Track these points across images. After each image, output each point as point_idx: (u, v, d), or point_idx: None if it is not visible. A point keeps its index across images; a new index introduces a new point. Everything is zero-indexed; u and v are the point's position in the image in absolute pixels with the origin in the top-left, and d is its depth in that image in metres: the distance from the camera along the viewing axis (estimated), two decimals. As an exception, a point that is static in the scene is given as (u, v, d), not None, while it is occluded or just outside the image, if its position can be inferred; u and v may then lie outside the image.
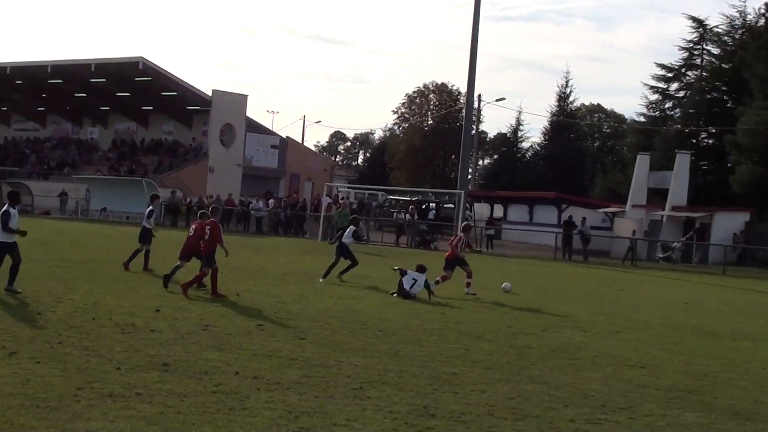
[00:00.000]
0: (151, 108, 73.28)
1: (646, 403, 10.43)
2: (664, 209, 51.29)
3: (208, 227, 18.72)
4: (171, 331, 13.24)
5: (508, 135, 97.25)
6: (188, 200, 53.35)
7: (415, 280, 20.56)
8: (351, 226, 24.45)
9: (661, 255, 46.14)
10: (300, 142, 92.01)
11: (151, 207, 23.56)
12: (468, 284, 22.05)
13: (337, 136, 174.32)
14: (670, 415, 9.94)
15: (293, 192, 70.00)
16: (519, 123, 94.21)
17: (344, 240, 23.88)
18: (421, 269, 21.11)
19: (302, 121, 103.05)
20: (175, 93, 68.33)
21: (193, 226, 19.92)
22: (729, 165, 62.01)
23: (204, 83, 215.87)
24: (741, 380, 12.38)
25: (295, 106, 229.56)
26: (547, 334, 15.94)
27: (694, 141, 68.36)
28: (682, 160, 52.01)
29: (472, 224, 38.05)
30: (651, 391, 11.17)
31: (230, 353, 11.87)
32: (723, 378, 12.49)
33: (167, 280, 18.82)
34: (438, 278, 21.71)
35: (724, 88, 68.66)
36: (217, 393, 9.55)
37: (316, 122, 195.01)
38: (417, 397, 10.00)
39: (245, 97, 69.90)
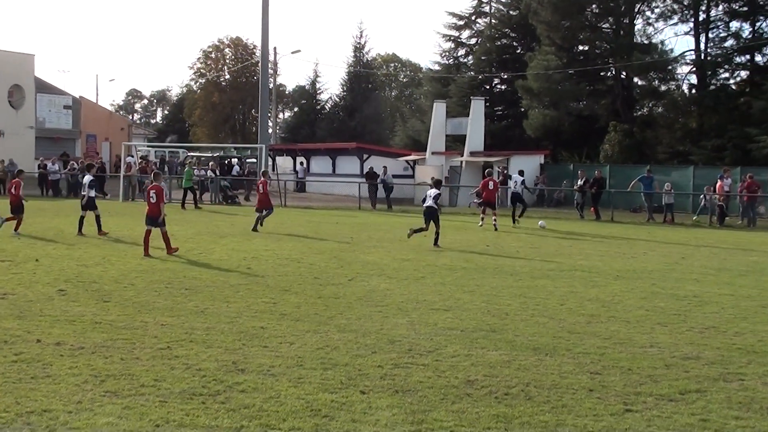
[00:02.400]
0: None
1: (451, 345, 10.71)
2: (462, 155, 52.50)
3: (153, 191, 20.22)
4: (-35, 303, 12.69)
5: (306, 87, 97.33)
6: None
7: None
8: (434, 189, 24.45)
9: (476, 200, 47.28)
10: (95, 101, 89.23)
11: None
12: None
13: (133, 94, 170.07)
14: (475, 354, 10.25)
15: (91, 153, 67.92)
16: (317, 75, 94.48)
17: (431, 204, 23.84)
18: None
19: (95, 79, 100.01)
20: (-45, 54, 64.65)
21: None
22: (522, 109, 64.13)
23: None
24: (540, 317, 12.87)
25: (87, 65, 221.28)
26: (354, 283, 16.12)
27: (487, 87, 70.37)
28: (477, 106, 53.26)
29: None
30: (456, 333, 11.48)
31: (31, 321, 11.50)
32: (524, 316, 12.95)
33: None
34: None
35: (513, 35, 70.94)
36: (18, 362, 9.26)
37: (110, 80, 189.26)
38: (226, 353, 9.97)
39: (32, 56, 66.93)
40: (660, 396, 8.58)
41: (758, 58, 56.25)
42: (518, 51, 69.59)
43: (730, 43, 56.56)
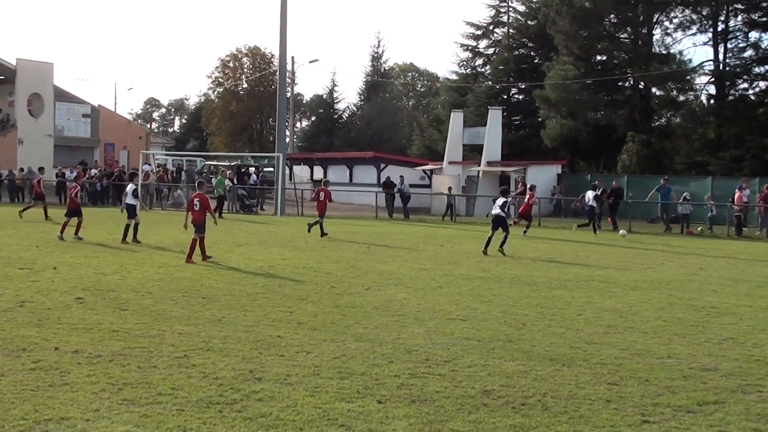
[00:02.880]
0: (-47, 79, 69.70)
1: (467, 355, 10.69)
2: (479, 165, 52.50)
3: (197, 199, 20.87)
4: (-16, 310, 12.74)
5: (324, 97, 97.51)
6: (-2, 174, 51.18)
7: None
8: (502, 198, 25.46)
9: (494, 211, 47.20)
10: (113, 110, 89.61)
11: None
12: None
13: (152, 103, 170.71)
14: (491, 364, 10.23)
15: (109, 161, 68.15)
16: (334, 84, 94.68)
17: (497, 212, 25.00)
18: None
19: (114, 88, 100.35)
20: (-24, 64, 65.12)
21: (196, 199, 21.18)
22: (539, 119, 64.08)
23: (7, 53, 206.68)
24: (558, 327, 12.84)
25: (106, 73, 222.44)
26: (371, 292, 16.12)
27: (505, 97, 70.44)
28: (495, 116, 53.30)
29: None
30: (472, 343, 11.45)
31: (49, 329, 11.53)
32: (540, 326, 12.91)
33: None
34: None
35: (531, 45, 70.96)
36: (36, 370, 9.28)
37: (129, 89, 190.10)
38: (242, 362, 9.97)
39: (51, 65, 67.30)
40: (678, 407, 8.53)
41: (777, 68, 56.12)
42: (536, 61, 69.61)
43: (749, 53, 56.46)
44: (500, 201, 25.19)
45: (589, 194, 34.43)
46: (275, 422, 7.70)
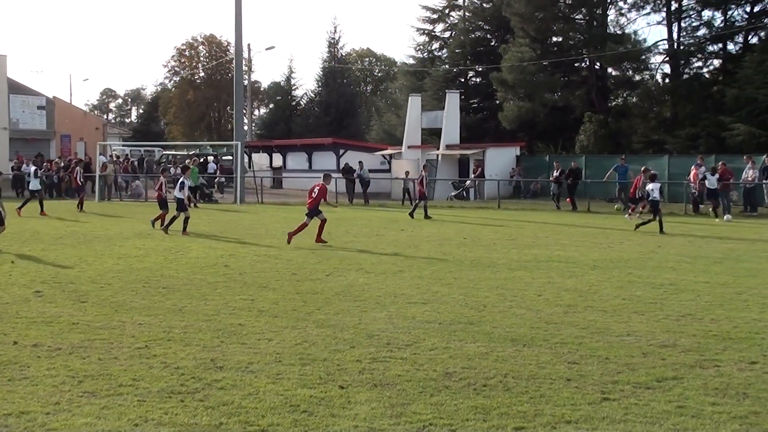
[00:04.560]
0: None
1: (429, 338, 10.73)
2: (438, 148, 52.54)
3: (317, 187, 22.88)
4: (-60, 306, 12.61)
5: (281, 84, 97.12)
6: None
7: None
8: (654, 183, 26.66)
9: (453, 193, 47.45)
10: (68, 101, 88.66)
11: None
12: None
13: (108, 94, 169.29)
14: (453, 347, 10.28)
15: (65, 153, 67.45)
16: (291, 71, 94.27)
17: (656, 196, 26.38)
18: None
19: (69, 79, 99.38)
20: (-75, 56, 64.09)
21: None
22: (497, 102, 64.20)
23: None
24: (518, 308, 12.91)
25: (60, 65, 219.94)
26: (332, 278, 16.13)
27: (462, 80, 70.46)
28: (452, 99, 53.32)
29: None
30: (434, 326, 11.50)
31: (7, 323, 11.44)
32: (501, 308, 12.98)
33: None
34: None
35: (487, 27, 70.92)
36: (-5, 365, 9.21)
37: (84, 80, 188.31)
38: (204, 350, 9.95)
39: (4, 57, 66.41)
40: (637, 384, 8.63)
41: (730, 46, 56.55)
42: (492, 43, 69.60)
43: (702, 32, 56.79)
44: (655, 186, 26.42)
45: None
46: (237, 410, 7.70)
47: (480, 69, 67.80)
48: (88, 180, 41.41)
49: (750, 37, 54.90)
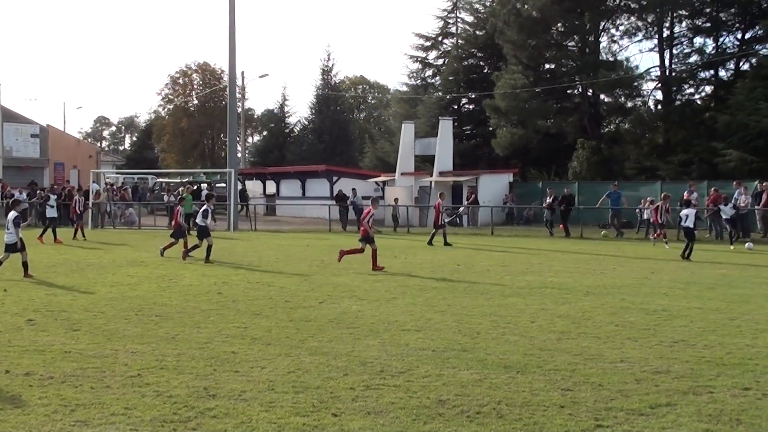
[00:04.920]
0: None
1: (422, 365, 10.71)
2: (432, 175, 52.62)
3: (366, 212, 24.20)
4: (-68, 335, 12.56)
5: (275, 111, 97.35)
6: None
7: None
8: (689, 209, 27.09)
9: (446, 219, 47.44)
10: (62, 129, 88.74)
11: None
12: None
13: (101, 122, 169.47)
14: (446, 374, 10.26)
15: (58, 181, 67.42)
16: (285, 98, 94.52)
17: (688, 224, 26.63)
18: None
19: (63, 107, 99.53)
20: None
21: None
22: (490, 128, 64.41)
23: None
24: (511, 335, 12.90)
25: (54, 93, 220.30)
26: (325, 305, 16.10)
27: (455, 107, 70.75)
28: (445, 126, 53.49)
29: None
30: (427, 353, 11.48)
31: (-1, 352, 11.40)
32: (494, 334, 12.96)
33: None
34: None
35: (480, 55, 71.31)
36: (-14, 394, 9.17)
37: (77, 108, 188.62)
38: (197, 379, 9.92)
39: (-2, 85, 66.61)
40: (631, 411, 8.62)
41: (722, 73, 56.91)
42: (485, 71, 69.96)
43: (694, 59, 57.09)
44: (690, 212, 26.83)
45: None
46: (230, 439, 7.67)
47: (473, 96, 68.10)
48: (86, 209, 41.31)
49: (741, 63, 55.22)
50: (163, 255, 26.25)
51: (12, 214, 20.95)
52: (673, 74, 57.13)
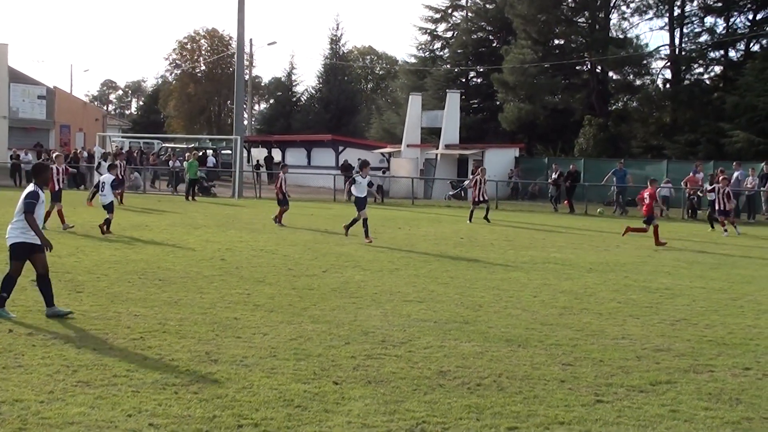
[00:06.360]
0: None
1: (424, 336, 10.74)
2: (437, 148, 52.54)
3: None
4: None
5: (282, 79, 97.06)
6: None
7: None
8: None
9: (450, 192, 47.47)
10: (69, 92, 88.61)
11: None
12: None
13: (108, 85, 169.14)
14: (448, 345, 10.29)
15: (63, 143, 67.45)
16: (293, 67, 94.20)
17: None
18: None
19: (70, 70, 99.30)
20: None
21: None
22: (497, 103, 64.20)
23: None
24: (514, 309, 12.93)
25: (61, 55, 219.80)
26: (328, 274, 16.14)
27: (463, 80, 70.48)
28: (453, 99, 53.34)
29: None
30: (429, 325, 11.51)
31: (2, 311, 11.43)
32: (497, 308, 12.99)
33: None
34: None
35: (489, 28, 70.90)
36: (-11, 353, 9.21)
37: (85, 71, 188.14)
38: (199, 343, 9.96)
39: (5, 46, 66.41)
40: (631, 387, 8.64)
41: (732, 53, 56.69)
42: (494, 44, 69.61)
43: (704, 38, 56.81)
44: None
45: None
46: (231, 403, 7.70)
47: (481, 70, 67.80)
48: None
49: (752, 44, 54.98)
50: (279, 223, 26.72)
51: (109, 177, 23.50)
52: (683, 53, 56.87)
